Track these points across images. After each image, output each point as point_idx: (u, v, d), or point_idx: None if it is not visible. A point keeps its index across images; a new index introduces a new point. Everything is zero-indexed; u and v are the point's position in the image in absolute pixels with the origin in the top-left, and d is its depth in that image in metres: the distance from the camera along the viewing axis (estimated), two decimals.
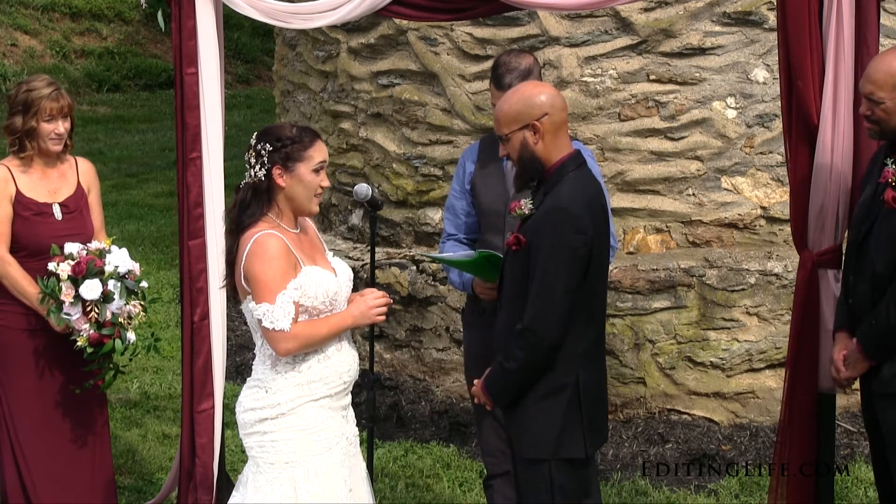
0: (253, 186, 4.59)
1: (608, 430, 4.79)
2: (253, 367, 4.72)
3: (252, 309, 4.52)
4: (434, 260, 6.70)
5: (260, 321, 4.50)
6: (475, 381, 4.75)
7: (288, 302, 4.49)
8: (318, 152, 4.61)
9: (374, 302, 4.68)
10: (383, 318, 4.73)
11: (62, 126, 5.52)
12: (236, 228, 4.60)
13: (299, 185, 4.58)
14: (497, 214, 5.48)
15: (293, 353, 4.55)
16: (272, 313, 4.47)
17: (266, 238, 4.52)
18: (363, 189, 5.38)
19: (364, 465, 4.86)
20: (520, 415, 4.59)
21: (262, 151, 4.57)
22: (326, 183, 4.65)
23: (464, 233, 5.61)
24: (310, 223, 4.82)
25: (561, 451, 4.54)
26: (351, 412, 4.77)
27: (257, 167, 4.58)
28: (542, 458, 4.56)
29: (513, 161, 4.62)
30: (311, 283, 4.56)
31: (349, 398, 4.74)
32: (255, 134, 4.65)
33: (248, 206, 4.59)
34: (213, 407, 5.49)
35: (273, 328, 4.48)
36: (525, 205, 4.59)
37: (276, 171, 4.56)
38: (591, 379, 4.58)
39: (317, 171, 4.60)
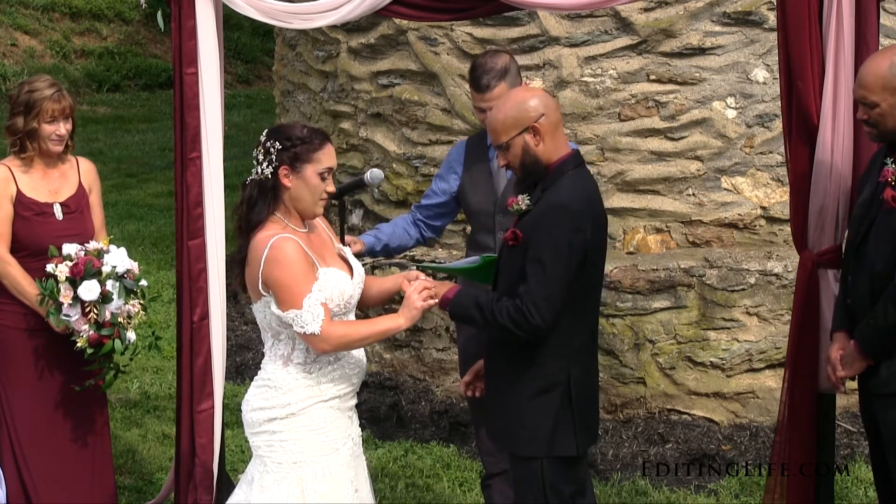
0: (259, 184, 4.58)
1: (598, 429, 4.79)
2: (261, 366, 4.71)
3: (281, 316, 4.51)
4: (436, 269, 6.70)
5: (291, 326, 4.50)
6: (425, 282, 4.65)
7: (315, 304, 4.47)
8: (327, 156, 4.60)
9: (417, 294, 4.60)
10: (432, 302, 4.63)
11: (63, 127, 5.52)
12: (246, 227, 4.59)
13: (304, 187, 4.57)
14: (487, 215, 5.52)
15: (330, 353, 4.55)
16: (301, 318, 4.46)
17: (282, 242, 4.50)
18: (377, 174, 5.47)
19: (365, 465, 4.86)
20: (512, 412, 4.60)
21: (271, 149, 4.56)
22: (332, 188, 4.63)
23: (422, 215, 5.73)
24: (318, 220, 4.81)
25: (554, 448, 4.55)
26: (356, 413, 4.78)
27: (265, 164, 4.57)
28: (535, 456, 4.57)
29: (514, 169, 4.63)
30: (328, 284, 4.55)
31: (356, 399, 4.75)
32: (266, 131, 4.64)
33: (255, 204, 4.57)
34: (212, 407, 5.49)
35: (304, 332, 4.47)
36: (522, 200, 4.60)
37: (282, 171, 4.55)
38: (582, 377, 4.59)
39: (323, 175, 4.58)
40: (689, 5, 7.28)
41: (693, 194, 7.39)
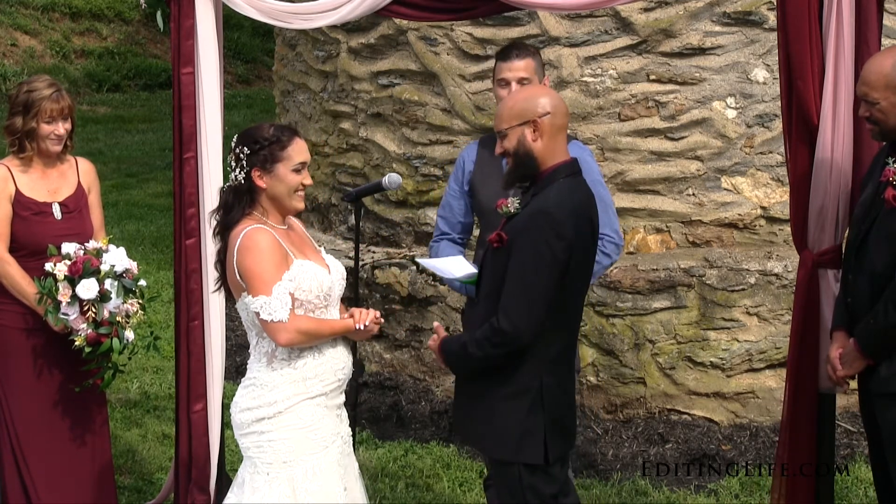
0: (234, 189, 4.62)
1: (575, 433, 4.76)
2: (248, 366, 4.72)
3: (248, 302, 4.53)
4: (429, 269, 6.69)
5: (258, 314, 4.50)
6: (433, 337, 4.72)
7: (284, 293, 4.50)
8: (297, 152, 4.62)
9: (374, 317, 4.73)
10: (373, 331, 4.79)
11: (62, 127, 5.52)
12: (222, 230, 4.62)
13: (280, 184, 4.60)
14: (496, 214, 5.49)
15: (294, 344, 4.55)
16: (269, 305, 4.48)
17: (255, 232, 4.53)
18: (395, 179, 5.46)
19: (356, 465, 4.86)
20: (483, 415, 4.59)
21: (241, 155, 4.59)
22: (308, 181, 4.67)
23: (458, 233, 5.63)
24: (296, 221, 4.83)
25: (521, 454, 4.53)
26: (344, 412, 4.79)
27: (237, 170, 4.60)
28: (508, 461, 4.57)
29: (508, 158, 4.63)
30: (305, 276, 4.57)
31: (343, 397, 4.76)
32: (236, 137, 4.67)
33: (231, 209, 4.61)
34: (205, 408, 5.50)
35: (271, 320, 4.48)
36: (511, 203, 4.60)
37: (255, 174, 4.58)
38: (555, 384, 4.55)
39: (297, 170, 4.62)
40: (689, 5, 7.28)
41: (693, 194, 7.39)
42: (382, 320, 4.79)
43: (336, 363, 4.68)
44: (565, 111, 4.60)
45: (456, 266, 5.31)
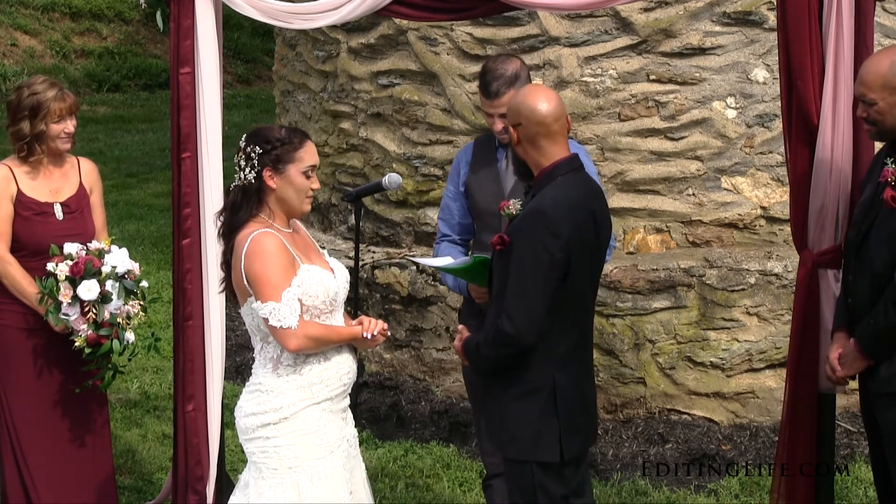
0: (243, 189, 4.59)
1: (594, 433, 4.78)
2: (252, 371, 4.71)
3: (257, 308, 4.51)
4: (431, 268, 6.72)
5: (266, 320, 4.49)
6: (457, 336, 4.77)
7: (293, 299, 4.48)
8: (309, 154, 4.62)
9: (382, 329, 4.73)
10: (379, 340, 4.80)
11: (70, 125, 5.53)
12: (228, 232, 4.60)
13: (290, 186, 4.58)
14: (492, 214, 5.50)
15: (303, 350, 4.53)
16: (279, 311, 4.46)
17: (263, 237, 4.51)
18: (395, 179, 5.47)
19: (363, 466, 4.85)
20: (499, 412, 4.62)
21: (252, 154, 4.57)
22: (317, 185, 4.66)
23: (458, 234, 5.64)
24: (299, 224, 4.83)
25: (536, 453, 4.55)
26: (349, 414, 4.78)
27: (247, 170, 4.58)
28: (522, 459, 4.58)
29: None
30: (312, 281, 4.55)
31: (348, 400, 4.75)
32: (245, 136, 4.65)
33: (238, 209, 4.59)
34: (196, 408, 5.50)
35: (281, 326, 4.47)
36: (514, 205, 4.63)
37: (266, 174, 4.56)
38: (569, 382, 4.56)
39: (307, 173, 4.60)
40: (689, 5, 7.28)
41: (693, 194, 7.39)
42: (389, 333, 4.80)
43: (342, 368, 4.67)
44: (540, 120, 4.55)
45: (450, 258, 5.34)
